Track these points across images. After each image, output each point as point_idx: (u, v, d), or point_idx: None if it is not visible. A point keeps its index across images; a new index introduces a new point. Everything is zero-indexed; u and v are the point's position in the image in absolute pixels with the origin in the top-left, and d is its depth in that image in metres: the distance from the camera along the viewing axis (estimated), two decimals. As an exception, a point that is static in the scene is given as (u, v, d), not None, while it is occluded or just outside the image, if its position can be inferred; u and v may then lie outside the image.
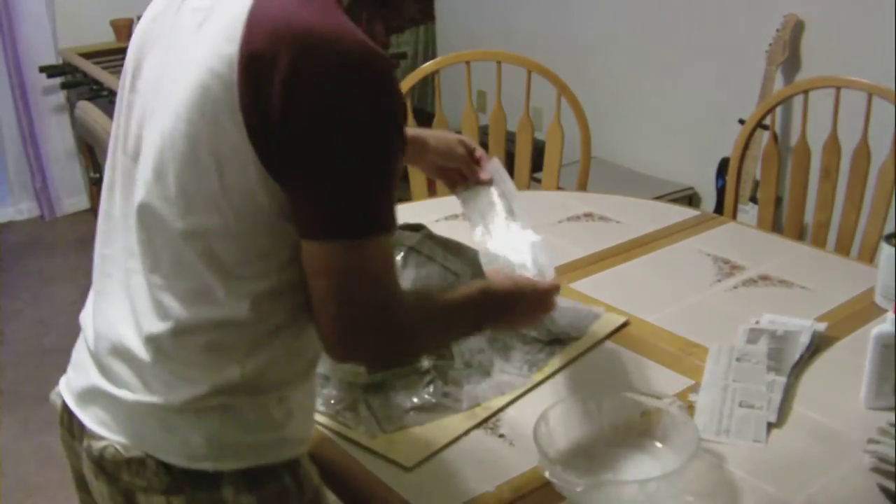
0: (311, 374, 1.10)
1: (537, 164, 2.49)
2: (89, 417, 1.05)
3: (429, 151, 1.43)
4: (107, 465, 1.02)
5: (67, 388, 1.11)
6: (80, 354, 1.11)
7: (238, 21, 0.91)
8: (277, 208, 0.94)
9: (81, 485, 1.14)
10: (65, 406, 1.10)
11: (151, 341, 0.99)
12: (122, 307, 1.03)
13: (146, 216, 0.98)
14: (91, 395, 1.05)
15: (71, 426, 1.10)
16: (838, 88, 2.09)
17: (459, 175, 1.46)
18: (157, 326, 0.98)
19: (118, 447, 1.01)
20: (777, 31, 2.95)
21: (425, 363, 1.32)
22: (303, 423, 1.10)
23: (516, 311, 1.19)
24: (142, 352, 1.00)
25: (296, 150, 0.90)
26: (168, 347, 0.98)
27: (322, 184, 0.91)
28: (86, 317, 1.12)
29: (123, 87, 1.07)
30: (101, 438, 1.02)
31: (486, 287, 1.16)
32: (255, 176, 0.92)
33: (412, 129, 1.40)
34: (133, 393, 1.01)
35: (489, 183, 1.44)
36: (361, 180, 0.92)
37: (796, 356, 1.40)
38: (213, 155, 0.92)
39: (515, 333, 1.32)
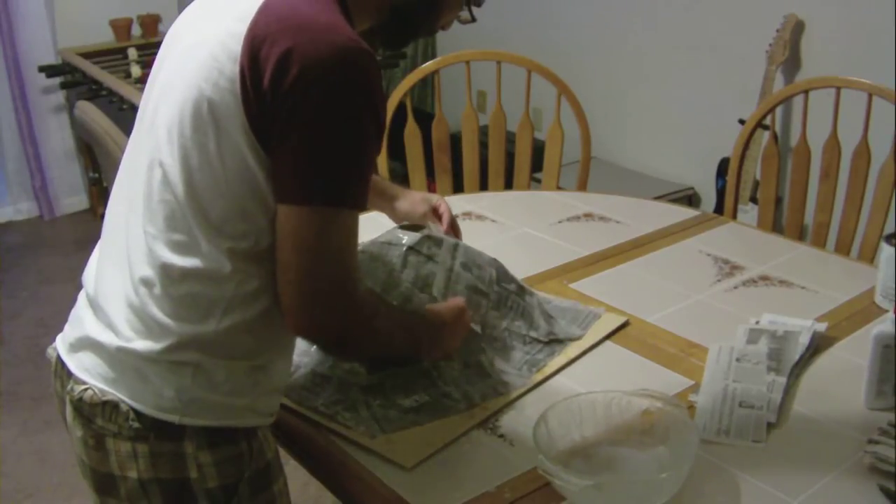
0: (284, 354, 1.19)
1: (537, 164, 2.49)
2: (75, 364, 1.14)
3: (395, 206, 1.57)
4: (84, 408, 1.11)
5: (62, 341, 1.20)
6: (78, 310, 1.20)
7: (252, 8, 1.04)
8: (262, 171, 1.04)
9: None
10: (58, 358, 1.19)
11: (141, 285, 1.08)
12: (120, 255, 1.12)
13: (153, 174, 1.09)
14: (80, 344, 1.15)
15: (62, 376, 1.17)
16: (838, 88, 2.09)
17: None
18: (147, 272, 1.08)
19: (96, 390, 1.10)
20: (777, 31, 2.95)
21: (426, 363, 1.32)
22: (269, 398, 1.17)
23: (445, 336, 1.31)
24: (132, 295, 1.09)
25: (279, 120, 1.01)
26: (155, 292, 1.07)
27: (298, 152, 1.02)
28: (88, 270, 1.21)
29: (153, 69, 1.18)
30: (83, 383, 1.12)
31: (425, 314, 1.30)
32: (244, 139, 1.03)
33: (386, 183, 1.58)
34: (118, 338, 1.09)
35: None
36: (334, 156, 1.03)
37: (796, 356, 1.40)
38: (212, 116, 1.03)
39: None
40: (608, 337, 1.50)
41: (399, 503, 1.13)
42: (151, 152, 1.09)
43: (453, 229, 1.55)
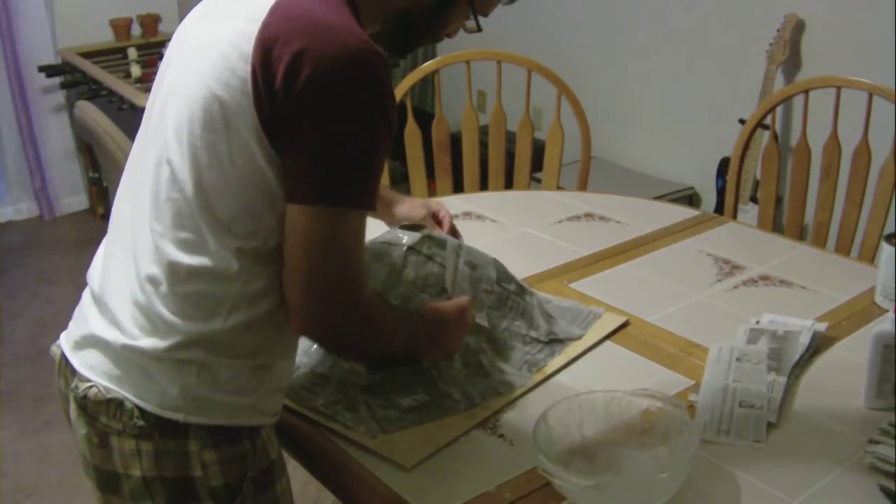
0: (289, 353, 1.19)
1: (537, 164, 2.49)
2: (79, 361, 1.14)
3: (393, 211, 1.55)
4: (88, 406, 1.11)
5: (66, 339, 1.19)
6: (83, 307, 1.20)
7: (263, 9, 1.04)
8: (272, 171, 1.04)
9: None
10: (62, 355, 1.18)
11: (147, 282, 1.08)
12: (126, 252, 1.13)
13: (160, 171, 1.09)
14: (85, 342, 1.15)
15: (66, 373, 1.17)
16: (838, 88, 2.09)
17: None
18: (154, 269, 1.08)
19: (101, 388, 1.10)
20: (777, 30, 2.95)
21: (426, 363, 1.32)
22: (272, 397, 1.17)
23: (446, 336, 1.30)
24: (138, 293, 1.09)
25: (291, 120, 1.01)
26: (161, 290, 1.07)
27: (309, 152, 1.02)
28: (94, 267, 1.22)
29: (161, 69, 1.18)
30: (87, 380, 1.12)
31: (425, 314, 1.29)
32: (254, 139, 1.03)
33: (385, 189, 1.56)
34: (123, 336, 1.09)
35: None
36: (344, 156, 1.03)
37: (796, 356, 1.40)
38: (223, 116, 1.03)
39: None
40: (608, 337, 1.50)
41: (399, 503, 1.13)
42: (159, 150, 1.09)
43: (454, 234, 1.55)
